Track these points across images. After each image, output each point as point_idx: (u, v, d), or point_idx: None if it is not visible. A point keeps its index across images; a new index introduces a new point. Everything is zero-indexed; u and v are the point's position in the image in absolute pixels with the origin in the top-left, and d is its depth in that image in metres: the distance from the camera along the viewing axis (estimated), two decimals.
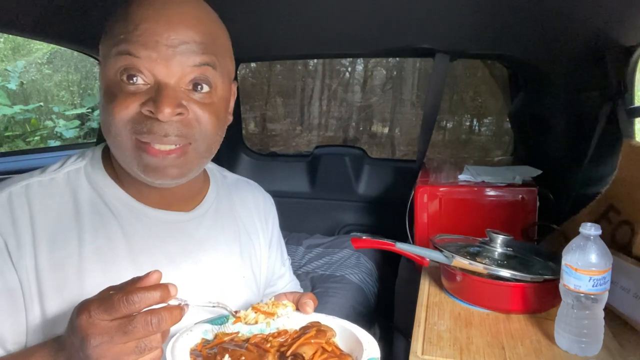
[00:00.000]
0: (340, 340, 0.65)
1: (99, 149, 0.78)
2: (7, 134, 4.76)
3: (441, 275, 1.08)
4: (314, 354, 0.60)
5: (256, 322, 0.66)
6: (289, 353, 0.60)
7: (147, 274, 0.55)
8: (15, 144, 4.77)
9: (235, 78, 0.78)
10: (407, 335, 1.07)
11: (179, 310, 0.54)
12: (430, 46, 1.66)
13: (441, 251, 1.02)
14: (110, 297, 0.51)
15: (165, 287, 0.54)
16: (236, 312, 0.66)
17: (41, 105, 5.00)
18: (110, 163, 0.76)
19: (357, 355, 0.61)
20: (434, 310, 0.99)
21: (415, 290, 1.09)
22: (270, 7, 1.41)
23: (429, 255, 1.04)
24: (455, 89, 4.26)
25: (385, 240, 1.06)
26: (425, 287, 1.10)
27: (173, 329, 0.59)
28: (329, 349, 0.62)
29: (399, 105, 4.76)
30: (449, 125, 4.58)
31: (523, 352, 0.82)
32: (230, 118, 0.78)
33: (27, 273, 0.66)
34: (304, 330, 0.65)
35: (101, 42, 0.70)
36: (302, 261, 2.02)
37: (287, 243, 2.09)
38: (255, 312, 0.66)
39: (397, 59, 4.54)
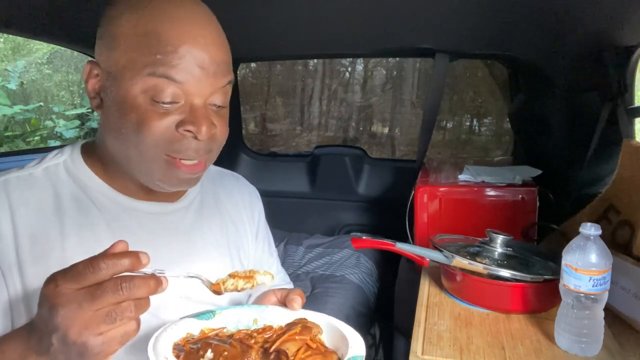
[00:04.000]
0: (326, 338, 0.65)
1: (78, 145, 0.78)
2: (7, 134, 4.75)
3: (441, 275, 1.08)
4: (298, 350, 0.59)
5: (235, 288, 0.65)
6: (272, 349, 0.59)
7: (112, 245, 0.52)
8: (15, 144, 4.76)
9: (235, 78, 0.80)
10: (407, 335, 1.07)
11: (155, 280, 0.51)
12: (430, 46, 1.66)
13: (441, 251, 1.02)
14: (76, 265, 0.49)
15: (135, 254, 0.50)
16: (215, 283, 0.65)
17: (41, 105, 5.00)
18: (90, 158, 0.76)
19: (342, 353, 0.60)
20: (434, 310, 0.99)
21: (415, 291, 1.09)
22: (270, 7, 1.41)
23: (429, 255, 1.04)
24: (455, 89, 4.27)
25: (385, 240, 1.06)
26: (425, 287, 1.10)
27: (158, 324, 0.57)
28: (314, 345, 0.61)
29: (399, 105, 4.77)
30: (449, 125, 4.58)
31: (523, 352, 0.82)
32: None
33: (10, 267, 0.65)
34: (290, 326, 0.64)
35: (112, 48, 0.66)
36: (302, 261, 2.02)
37: (287, 243, 2.13)
38: (234, 278, 0.65)
39: (397, 59, 4.54)
